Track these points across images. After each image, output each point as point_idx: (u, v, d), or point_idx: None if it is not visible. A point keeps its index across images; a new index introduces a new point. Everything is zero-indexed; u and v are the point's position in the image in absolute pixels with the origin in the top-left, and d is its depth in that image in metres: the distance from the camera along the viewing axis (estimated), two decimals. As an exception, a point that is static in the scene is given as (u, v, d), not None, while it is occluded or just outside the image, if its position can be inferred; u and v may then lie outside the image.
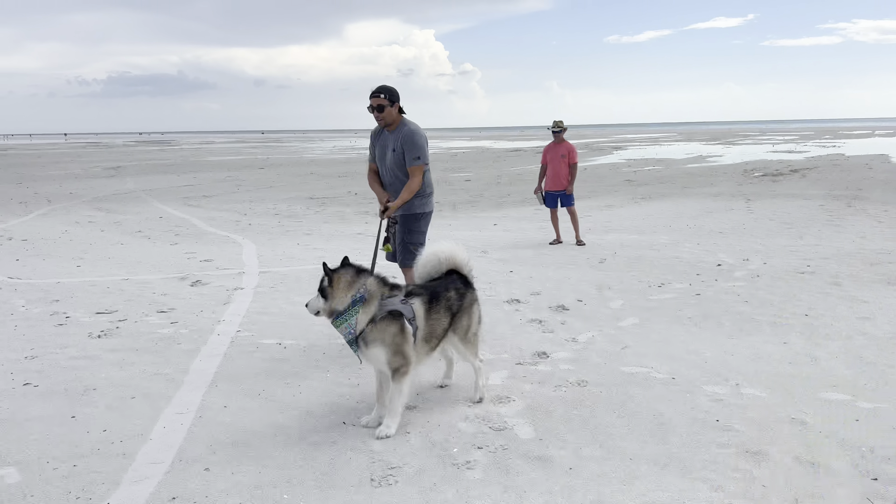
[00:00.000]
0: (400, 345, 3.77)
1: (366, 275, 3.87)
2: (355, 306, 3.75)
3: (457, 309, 4.10)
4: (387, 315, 3.78)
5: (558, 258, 8.86)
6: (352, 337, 3.77)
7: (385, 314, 3.77)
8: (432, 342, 3.99)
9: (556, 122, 9.98)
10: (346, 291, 3.76)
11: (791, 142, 51.63)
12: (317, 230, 12.37)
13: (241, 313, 6.42)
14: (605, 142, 62.07)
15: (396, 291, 3.92)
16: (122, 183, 24.27)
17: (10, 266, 9.10)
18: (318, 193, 19.61)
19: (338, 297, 3.76)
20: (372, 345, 3.76)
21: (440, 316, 4.00)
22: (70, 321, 6.23)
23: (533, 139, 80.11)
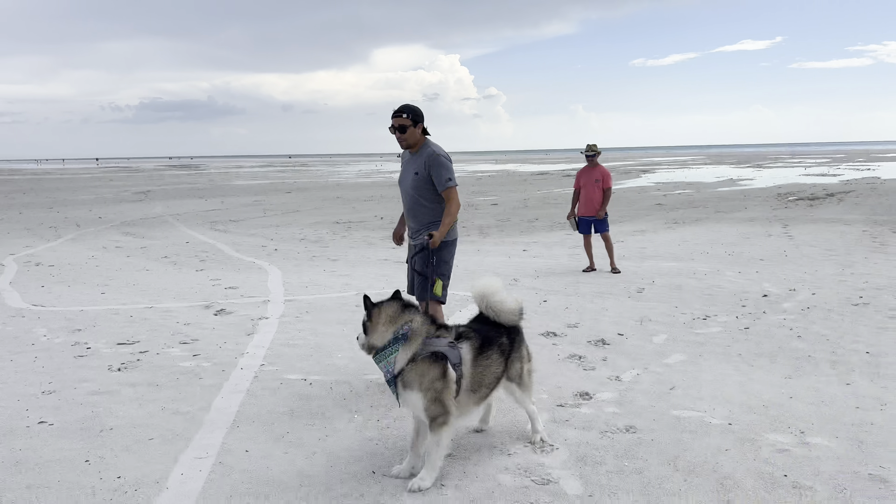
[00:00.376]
0: (440, 391, 3.46)
1: (412, 311, 3.59)
2: (396, 344, 3.47)
3: (508, 352, 3.80)
4: (428, 356, 3.47)
5: (594, 287, 8.51)
6: (390, 376, 3.50)
7: (427, 355, 3.48)
8: (480, 392, 3.66)
9: (590, 145, 9.69)
10: (387, 327, 3.51)
11: (823, 164, 50.69)
12: (343, 256, 12.17)
13: (266, 345, 6.18)
14: (631, 165, 61.55)
15: (445, 332, 3.62)
16: (151, 207, 24.43)
17: (36, 293, 9.01)
18: (343, 217, 19.50)
19: (377, 332, 3.52)
20: (409, 387, 3.47)
21: (491, 363, 3.68)
22: (91, 353, 6.03)
23: (558, 162, 79.82)
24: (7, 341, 6.50)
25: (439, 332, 3.60)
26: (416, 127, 4.96)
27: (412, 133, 4.97)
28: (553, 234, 14.66)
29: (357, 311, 7.48)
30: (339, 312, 7.44)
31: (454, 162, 5.18)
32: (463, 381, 3.52)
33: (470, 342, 3.62)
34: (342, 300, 8.10)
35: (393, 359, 3.48)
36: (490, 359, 3.67)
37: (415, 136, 4.99)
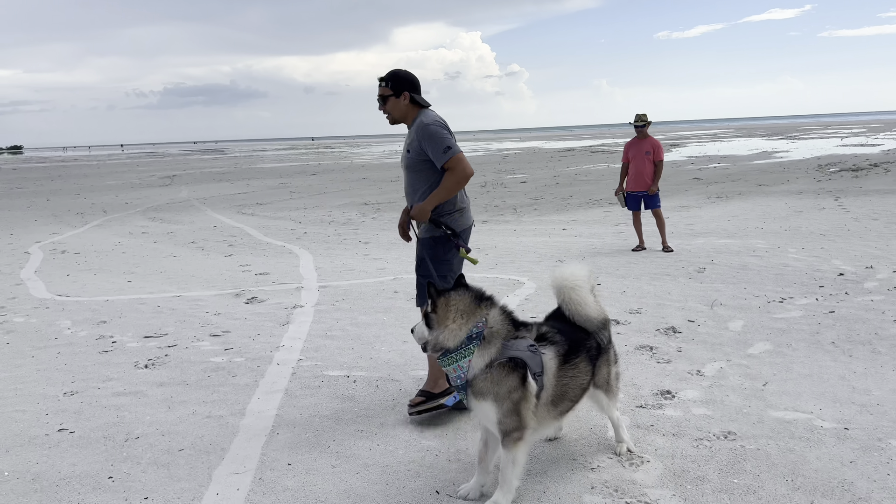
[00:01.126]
0: (517, 403, 2.90)
1: (488, 304, 3.02)
2: (470, 344, 2.92)
3: (596, 357, 3.23)
4: (507, 362, 2.92)
5: (649, 267, 7.91)
6: (461, 382, 2.96)
7: (505, 360, 2.93)
8: (563, 405, 3.09)
9: (639, 115, 9.04)
10: (460, 323, 2.94)
11: (860, 135, 48.94)
12: (374, 239, 11.69)
13: (302, 337, 5.71)
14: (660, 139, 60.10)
15: (525, 332, 3.03)
16: (177, 192, 24.18)
17: (61, 282, 8.66)
18: (371, 199, 19.01)
19: (447, 329, 2.95)
20: (482, 397, 2.92)
21: (578, 373, 3.10)
22: (116, 347, 5.62)
23: (584, 138, 78.46)
24: (30, 335, 6.13)
25: (519, 332, 3.03)
26: (399, 97, 3.95)
27: (395, 105, 3.98)
28: (591, 211, 14.03)
29: (396, 297, 6.99)
30: (378, 299, 6.95)
31: (477, 141, 4.52)
32: (543, 394, 2.97)
33: (555, 348, 3.03)
34: (379, 286, 7.61)
35: (466, 362, 2.93)
36: (577, 368, 3.10)
37: (399, 109, 3.99)
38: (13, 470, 3.46)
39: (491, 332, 2.96)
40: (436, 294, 3.01)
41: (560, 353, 3.04)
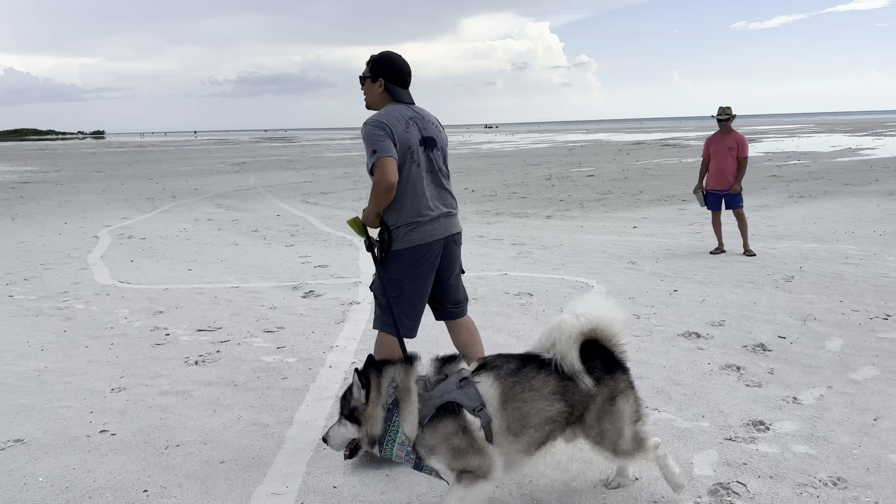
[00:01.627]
0: (463, 450, 2.53)
1: (390, 368, 2.67)
2: (392, 417, 2.57)
3: (579, 400, 2.65)
4: (436, 413, 2.54)
5: (730, 273, 7.32)
6: (412, 457, 2.60)
7: (432, 412, 2.55)
8: (528, 435, 2.59)
9: (723, 108, 8.39)
10: (375, 404, 2.61)
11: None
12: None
13: (357, 337, 5.44)
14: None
15: (447, 369, 2.66)
16: (244, 179, 24.52)
17: (124, 268, 8.69)
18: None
19: (372, 415, 2.61)
20: (430, 458, 2.58)
21: (535, 397, 2.59)
22: (169, 340, 5.48)
23: (653, 131, 76.26)
24: (87, 323, 6.08)
25: (440, 372, 2.65)
26: (375, 82, 3.46)
27: (369, 89, 3.49)
28: (663, 208, 13.34)
29: (457, 297, 6.65)
30: (437, 298, 6.62)
31: (542, 132, 4.08)
32: (494, 424, 2.55)
33: (495, 373, 2.61)
34: (439, 283, 7.28)
35: (402, 436, 2.57)
36: (533, 391, 2.58)
37: (372, 94, 3.49)
38: (49, 475, 3.29)
39: (402, 390, 2.60)
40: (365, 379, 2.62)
41: (500, 376, 2.60)
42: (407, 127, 3.32)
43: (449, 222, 3.43)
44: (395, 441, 2.57)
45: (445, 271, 3.51)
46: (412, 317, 3.45)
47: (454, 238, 3.47)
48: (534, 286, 6.96)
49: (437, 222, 3.37)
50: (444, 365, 2.68)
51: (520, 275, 7.58)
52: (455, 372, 2.64)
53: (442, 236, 3.39)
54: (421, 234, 3.32)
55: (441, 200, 3.42)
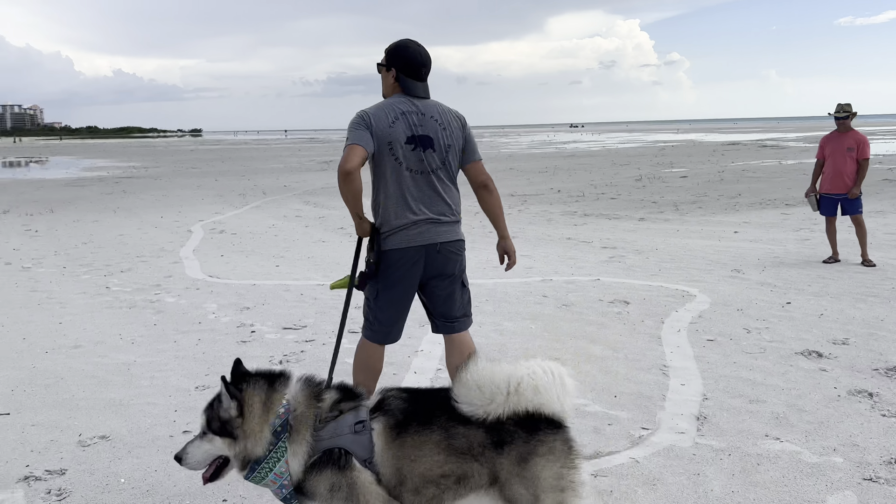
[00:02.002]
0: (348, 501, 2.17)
1: (283, 382, 2.32)
2: (279, 441, 2.21)
3: (491, 460, 2.15)
4: (322, 457, 2.19)
5: (849, 285, 6.66)
6: (287, 494, 2.24)
7: (320, 454, 2.20)
8: (429, 491, 2.17)
9: (842, 105, 7.69)
10: (260, 419, 2.23)
11: None
12: (521, 232, 11.07)
13: (441, 341, 5.21)
14: (840, 134, 54.31)
15: (348, 403, 2.29)
16: (332, 177, 24.92)
17: (215, 262, 8.84)
18: (518, 190, 18.39)
19: (254, 431, 2.22)
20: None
21: (432, 451, 2.16)
22: (254, 338, 5.44)
23: (749, 131, 72.86)
24: (177, 317, 6.14)
25: (341, 404, 2.27)
26: (389, 71, 3.25)
27: (384, 78, 3.31)
28: (765, 212, 12.51)
29: (545, 303, 6.34)
30: (524, 303, 6.33)
31: (631, 132, 3.66)
32: (384, 479, 2.18)
33: (386, 419, 2.22)
34: (526, 288, 6.98)
35: (283, 466, 2.20)
36: (428, 443, 2.17)
37: (386, 84, 3.30)
38: (130, 477, 3.23)
39: (297, 417, 2.23)
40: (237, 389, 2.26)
41: (391, 424, 2.20)
42: (394, 121, 3.10)
43: (432, 230, 3.15)
44: (272, 470, 2.21)
45: (432, 281, 3.24)
46: (385, 323, 3.26)
47: (439, 247, 3.16)
48: (630, 293, 6.55)
49: (417, 228, 3.12)
50: (344, 399, 2.31)
51: (613, 280, 7.18)
52: (351, 409, 2.26)
53: (421, 244, 3.13)
54: (396, 238, 3.12)
55: (428, 205, 3.16)
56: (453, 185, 3.25)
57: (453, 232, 3.22)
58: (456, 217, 3.24)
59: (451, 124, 3.20)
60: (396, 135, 3.08)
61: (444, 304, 3.28)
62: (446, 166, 3.19)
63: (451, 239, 3.21)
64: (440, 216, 3.17)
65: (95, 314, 6.29)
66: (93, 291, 7.22)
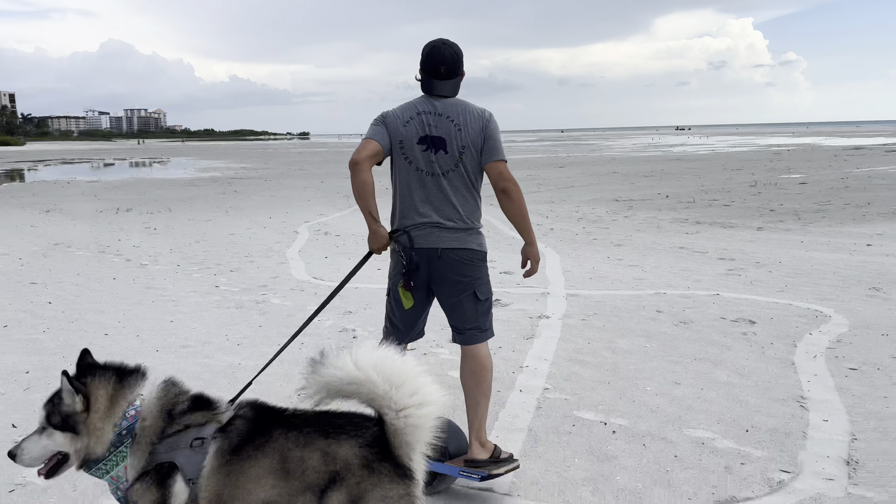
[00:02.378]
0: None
1: (136, 380, 2.20)
2: (122, 446, 2.11)
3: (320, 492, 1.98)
4: (153, 470, 2.07)
5: None
6: (121, 497, 2.15)
7: (153, 467, 2.07)
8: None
9: None
10: (105, 417, 2.12)
11: None
12: (628, 240, 10.56)
13: (549, 357, 4.94)
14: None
15: (199, 416, 2.14)
16: (430, 179, 25.02)
17: (319, 264, 8.93)
18: (623, 195, 17.73)
19: (97, 428, 2.12)
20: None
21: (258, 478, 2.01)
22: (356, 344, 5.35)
23: (873, 135, 67.61)
24: (281, 319, 6.17)
25: (192, 415, 2.13)
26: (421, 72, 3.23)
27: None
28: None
29: (659, 319, 5.91)
30: (637, 319, 5.93)
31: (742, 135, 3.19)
32: (203, 501, 2.03)
33: (224, 439, 2.07)
34: (637, 301, 6.57)
35: (122, 469, 2.12)
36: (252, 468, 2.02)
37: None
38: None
39: (144, 428, 2.11)
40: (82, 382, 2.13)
41: (225, 446, 2.05)
42: (408, 121, 3.03)
43: (435, 234, 3.03)
44: (108, 472, 2.12)
45: (438, 287, 3.11)
46: (398, 323, 3.21)
47: (440, 253, 3.02)
48: (755, 312, 6.01)
49: (421, 230, 3.04)
50: (197, 410, 2.16)
51: (735, 296, 6.63)
52: (199, 425, 2.12)
53: (423, 247, 3.03)
54: (414, 237, 3.06)
55: (435, 208, 3.04)
56: (468, 190, 3.09)
57: (459, 239, 3.04)
58: (466, 224, 3.07)
59: (471, 125, 3.05)
60: (409, 135, 3.02)
61: (451, 313, 3.17)
62: (460, 169, 3.05)
63: (455, 246, 3.03)
64: (445, 221, 3.03)
65: (204, 313, 6.43)
66: (203, 290, 7.42)
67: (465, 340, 3.16)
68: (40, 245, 10.77)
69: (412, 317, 3.18)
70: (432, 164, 3.03)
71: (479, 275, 3.11)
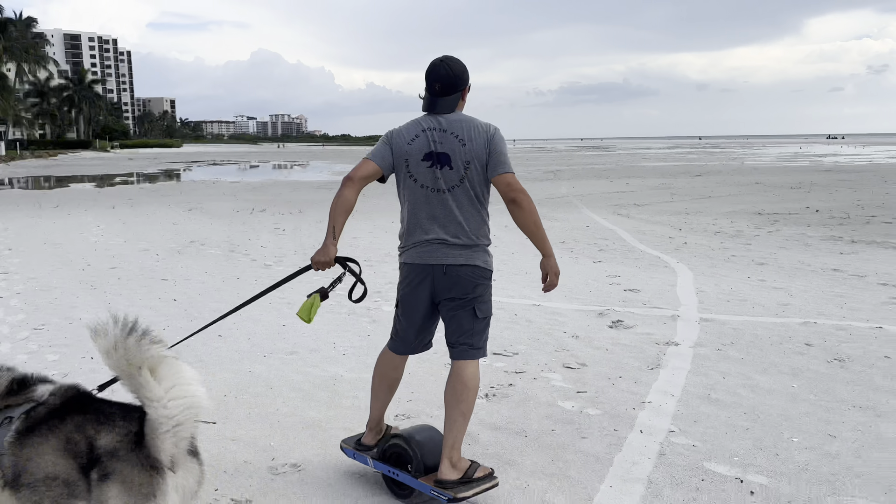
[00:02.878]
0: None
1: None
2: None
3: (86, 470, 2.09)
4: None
5: None
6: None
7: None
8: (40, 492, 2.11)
9: None
10: None
11: None
12: (772, 259, 9.56)
13: (676, 393, 4.38)
14: None
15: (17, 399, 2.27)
16: (557, 188, 24.42)
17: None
18: (766, 208, 16.32)
19: None
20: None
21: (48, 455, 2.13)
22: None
23: None
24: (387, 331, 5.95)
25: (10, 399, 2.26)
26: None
27: None
28: None
29: (809, 353, 5.15)
30: (782, 352, 5.21)
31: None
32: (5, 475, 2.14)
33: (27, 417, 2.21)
34: (782, 331, 5.80)
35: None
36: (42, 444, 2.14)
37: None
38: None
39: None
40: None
41: (25, 426, 2.18)
42: (413, 138, 3.08)
43: (439, 251, 3.04)
44: None
45: (442, 302, 3.12)
46: (402, 332, 3.28)
47: (445, 269, 3.04)
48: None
49: (427, 247, 3.07)
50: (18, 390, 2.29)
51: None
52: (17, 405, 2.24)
53: (429, 263, 3.07)
54: (410, 254, 3.14)
55: (440, 225, 3.04)
56: (475, 206, 3.06)
57: (464, 256, 3.03)
58: (472, 241, 3.05)
59: (475, 140, 3.04)
60: (413, 152, 3.06)
61: (448, 325, 3.16)
62: (465, 185, 3.03)
63: (460, 263, 3.03)
64: (451, 238, 3.04)
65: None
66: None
67: (456, 355, 3.16)
68: (178, 242, 11.37)
69: (410, 329, 3.24)
70: (437, 181, 3.04)
71: (481, 292, 3.11)
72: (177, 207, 17.49)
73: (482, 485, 2.97)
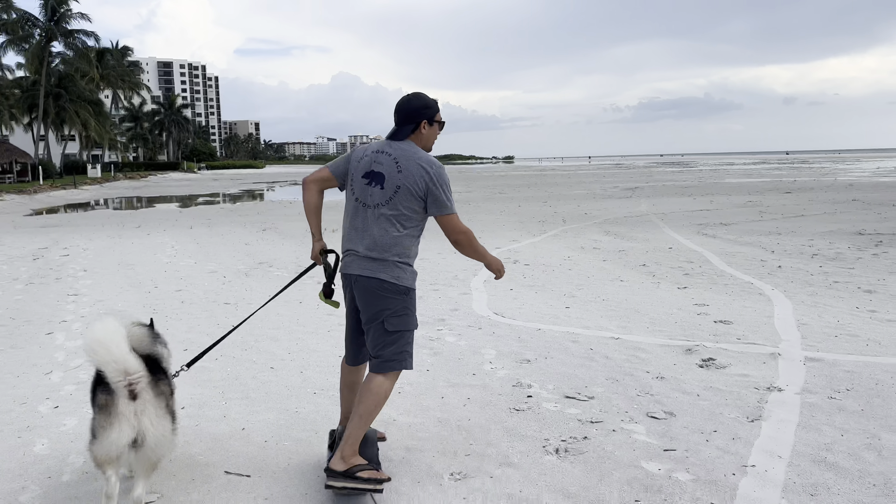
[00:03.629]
0: None
1: None
2: None
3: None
4: None
5: None
6: None
7: None
8: None
9: None
10: None
11: None
12: (882, 286, 8.54)
13: (784, 454, 3.69)
14: None
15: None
16: (636, 205, 23.42)
17: (502, 297, 8.21)
18: (868, 227, 14.98)
19: None
20: None
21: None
22: (530, 406, 4.48)
23: None
24: (451, 363, 5.48)
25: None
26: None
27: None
28: None
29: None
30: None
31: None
32: None
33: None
34: (889, 369, 4.96)
35: None
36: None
37: None
38: None
39: None
40: None
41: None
42: (363, 157, 3.38)
43: (354, 262, 3.33)
44: None
45: (359, 311, 3.41)
46: (345, 341, 3.63)
47: (355, 279, 3.31)
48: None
49: (346, 258, 3.40)
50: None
51: None
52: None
53: (346, 272, 3.38)
54: (342, 263, 3.45)
55: (359, 237, 3.32)
56: (394, 225, 3.26)
57: (371, 269, 3.25)
58: (381, 255, 3.25)
59: (412, 171, 3.25)
60: (360, 168, 3.35)
61: (365, 336, 3.41)
62: (391, 205, 3.26)
63: (366, 275, 3.25)
64: (364, 250, 3.28)
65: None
66: (379, 322, 7.02)
67: (370, 366, 3.37)
68: (246, 263, 11.29)
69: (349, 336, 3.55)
70: (368, 197, 3.30)
71: (388, 306, 3.25)
72: (251, 227, 17.65)
73: (361, 484, 3.13)
